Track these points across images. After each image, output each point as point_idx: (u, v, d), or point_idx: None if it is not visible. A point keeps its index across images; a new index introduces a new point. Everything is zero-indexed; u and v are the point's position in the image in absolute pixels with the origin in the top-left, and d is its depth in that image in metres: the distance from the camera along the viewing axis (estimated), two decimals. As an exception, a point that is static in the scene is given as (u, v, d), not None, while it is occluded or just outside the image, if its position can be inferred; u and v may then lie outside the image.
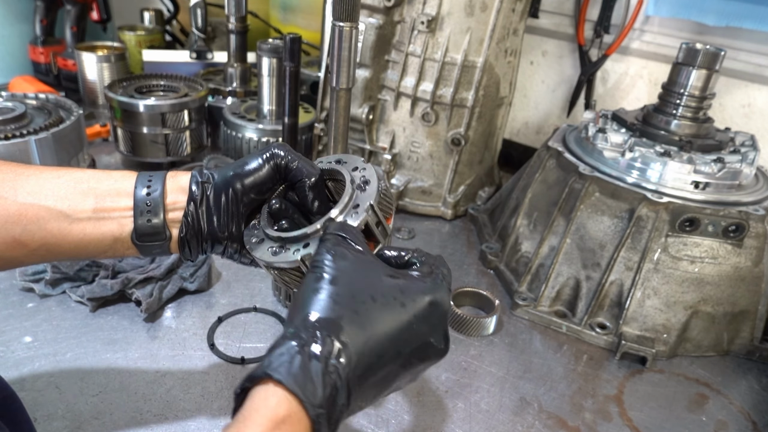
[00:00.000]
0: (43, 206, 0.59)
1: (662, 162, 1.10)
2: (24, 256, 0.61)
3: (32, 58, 1.98)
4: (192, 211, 0.63)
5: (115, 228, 0.62)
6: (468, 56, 1.33)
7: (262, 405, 0.43)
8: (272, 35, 2.08)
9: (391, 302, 0.50)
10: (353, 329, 0.47)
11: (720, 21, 1.39)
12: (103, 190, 0.62)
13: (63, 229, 0.60)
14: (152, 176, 0.64)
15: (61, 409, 0.83)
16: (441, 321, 0.53)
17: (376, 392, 0.50)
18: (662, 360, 1.08)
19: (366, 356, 0.47)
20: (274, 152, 0.64)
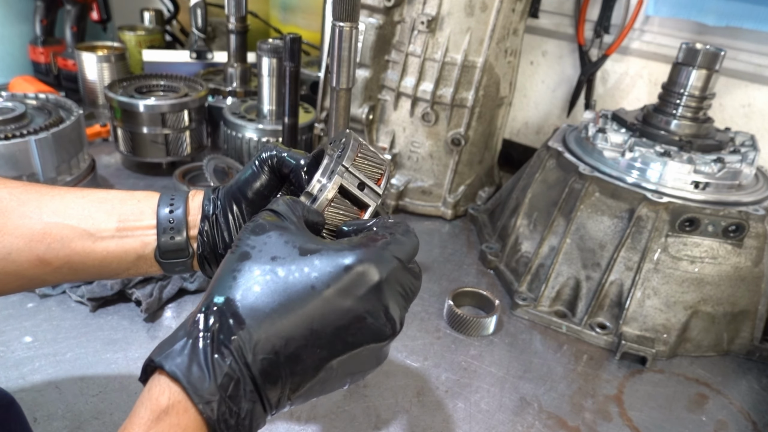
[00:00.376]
0: (68, 225, 0.60)
1: (662, 162, 1.10)
2: (47, 274, 0.61)
3: (32, 58, 1.98)
4: (207, 229, 0.63)
5: (138, 246, 0.62)
6: (468, 56, 1.33)
7: (146, 395, 0.41)
8: (272, 35, 2.08)
9: (300, 276, 0.44)
10: (255, 309, 0.43)
11: (720, 21, 1.39)
12: (127, 210, 0.63)
13: (86, 248, 0.60)
14: (174, 196, 0.64)
15: (61, 409, 0.83)
16: (373, 293, 0.46)
17: (306, 380, 0.45)
18: (662, 360, 1.08)
19: (272, 339, 0.43)
20: (263, 156, 0.63)
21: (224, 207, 0.63)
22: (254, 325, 0.43)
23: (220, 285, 0.45)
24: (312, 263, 0.45)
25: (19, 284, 0.62)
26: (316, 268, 0.45)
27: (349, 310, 0.45)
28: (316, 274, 0.45)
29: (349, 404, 0.90)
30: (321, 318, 0.44)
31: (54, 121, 1.22)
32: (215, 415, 0.40)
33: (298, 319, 0.44)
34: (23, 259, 0.59)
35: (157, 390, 0.41)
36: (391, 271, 0.47)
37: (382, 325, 0.47)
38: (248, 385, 0.42)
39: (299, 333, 0.44)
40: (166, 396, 0.40)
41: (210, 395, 0.40)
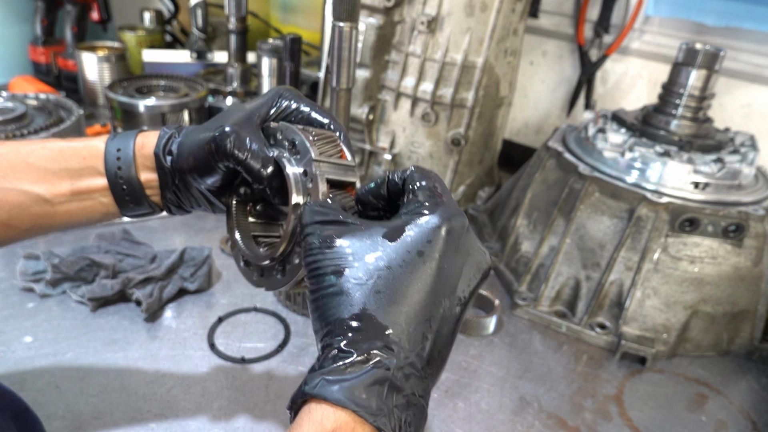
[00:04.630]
0: (22, 191, 0.59)
1: (662, 162, 1.10)
2: (19, 235, 0.62)
3: (33, 58, 1.99)
4: (170, 196, 0.63)
5: (99, 206, 0.62)
6: (468, 56, 1.33)
7: (306, 419, 0.40)
8: (272, 35, 2.08)
9: (406, 256, 0.44)
10: (386, 311, 0.42)
11: (720, 21, 1.39)
12: (76, 170, 0.61)
13: (47, 212, 0.61)
14: (120, 150, 0.61)
15: (61, 409, 0.83)
16: (468, 239, 0.47)
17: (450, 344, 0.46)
18: (662, 360, 1.08)
19: (420, 327, 0.42)
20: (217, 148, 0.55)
21: (181, 177, 0.61)
22: (396, 324, 0.42)
23: (335, 307, 0.43)
24: (406, 242, 0.45)
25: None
26: (414, 242, 0.45)
27: (461, 258, 0.46)
28: (418, 248, 0.45)
29: (349, 404, 0.90)
30: (447, 279, 0.45)
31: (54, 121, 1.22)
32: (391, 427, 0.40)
33: (430, 293, 0.44)
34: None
35: (317, 412, 0.40)
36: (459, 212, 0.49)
37: (482, 254, 0.49)
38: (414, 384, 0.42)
39: (436, 304, 0.44)
40: (332, 419, 0.39)
41: (377, 410, 0.39)
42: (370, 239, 0.46)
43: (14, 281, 1.06)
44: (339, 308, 0.43)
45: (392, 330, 0.42)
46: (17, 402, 0.69)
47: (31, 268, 1.06)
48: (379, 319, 0.42)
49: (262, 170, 0.54)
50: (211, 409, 0.87)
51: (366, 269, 0.44)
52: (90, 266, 1.05)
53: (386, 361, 0.41)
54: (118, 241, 1.16)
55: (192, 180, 0.60)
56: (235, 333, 1.03)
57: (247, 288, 1.13)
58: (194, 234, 1.30)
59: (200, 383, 0.91)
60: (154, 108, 1.42)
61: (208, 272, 1.12)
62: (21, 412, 0.69)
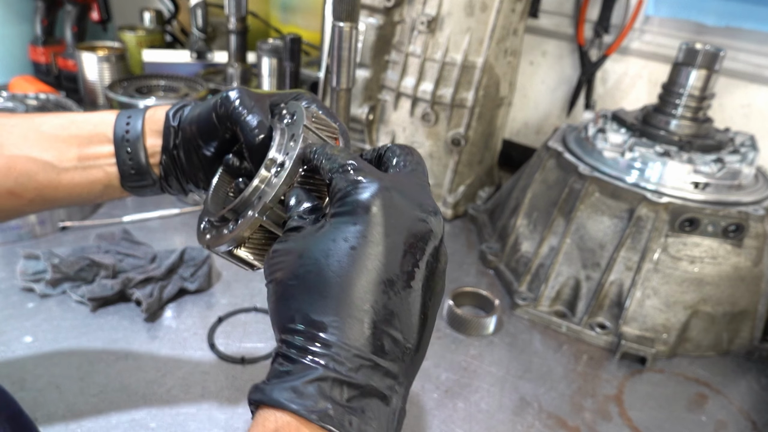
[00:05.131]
0: (30, 157, 0.60)
1: (662, 162, 1.10)
2: (22, 206, 0.62)
3: (32, 58, 1.98)
4: (165, 159, 0.62)
5: (102, 176, 0.62)
6: (468, 56, 1.33)
7: (254, 424, 0.41)
8: (272, 35, 2.08)
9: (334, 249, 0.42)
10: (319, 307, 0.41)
11: (720, 21, 1.39)
12: (85, 136, 0.62)
13: (53, 180, 0.61)
14: (131, 116, 0.62)
15: (61, 409, 0.83)
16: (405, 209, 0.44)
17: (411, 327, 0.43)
18: (662, 360, 1.08)
19: (352, 321, 0.40)
20: (221, 101, 0.57)
21: (183, 140, 0.61)
22: (332, 317, 0.40)
23: (276, 313, 0.44)
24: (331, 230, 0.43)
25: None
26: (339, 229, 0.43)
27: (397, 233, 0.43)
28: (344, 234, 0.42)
29: (349, 404, 0.90)
30: (381, 261, 0.42)
31: (54, 121, 1.22)
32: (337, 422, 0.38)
33: (363, 279, 0.41)
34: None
35: (261, 417, 0.40)
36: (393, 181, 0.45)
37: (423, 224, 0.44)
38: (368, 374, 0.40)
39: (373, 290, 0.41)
40: (273, 420, 0.39)
41: (319, 407, 0.38)
42: (303, 236, 0.45)
43: (14, 281, 1.06)
44: (279, 313, 0.43)
45: (329, 325, 0.40)
46: (12, 404, 0.69)
47: (31, 268, 1.06)
48: (313, 316, 0.41)
49: (257, 130, 0.54)
50: (211, 409, 0.87)
51: (297, 268, 0.43)
52: (90, 266, 1.05)
53: (324, 358, 0.39)
54: (118, 241, 1.16)
55: (192, 143, 0.60)
56: (235, 333, 1.03)
57: (247, 288, 1.14)
58: (194, 234, 1.29)
59: (200, 383, 0.91)
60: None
61: (208, 272, 1.12)
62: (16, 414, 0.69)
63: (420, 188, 0.47)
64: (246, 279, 1.16)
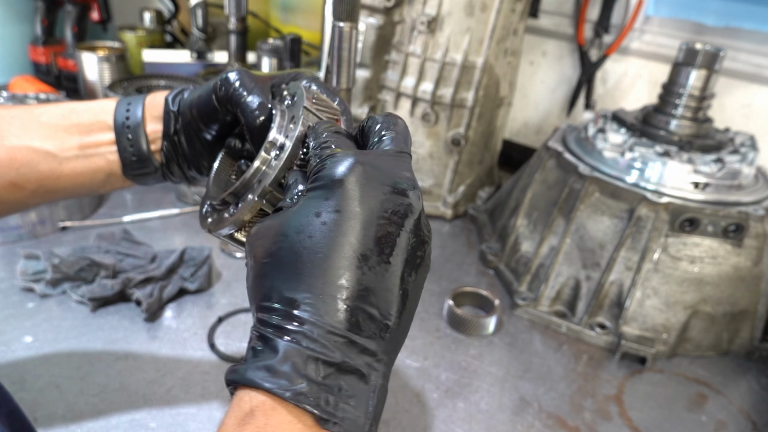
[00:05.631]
0: (31, 147, 0.60)
1: (662, 162, 1.10)
2: (25, 197, 0.62)
3: (33, 58, 1.98)
4: (167, 145, 0.62)
5: (103, 164, 0.62)
6: (468, 56, 1.33)
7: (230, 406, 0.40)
8: (272, 35, 2.08)
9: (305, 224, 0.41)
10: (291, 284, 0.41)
11: (720, 21, 1.39)
12: (86, 125, 0.62)
13: (54, 170, 0.61)
14: (131, 103, 0.62)
15: (61, 409, 0.83)
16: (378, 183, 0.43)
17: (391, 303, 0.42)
18: (662, 360, 1.08)
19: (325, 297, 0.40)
20: (221, 82, 0.56)
21: (183, 124, 0.61)
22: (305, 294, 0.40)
23: (251, 292, 0.44)
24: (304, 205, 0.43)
25: (1, 209, 0.62)
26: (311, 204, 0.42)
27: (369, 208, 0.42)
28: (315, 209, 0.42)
29: (349, 404, 0.90)
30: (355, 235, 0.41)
31: (54, 121, 1.22)
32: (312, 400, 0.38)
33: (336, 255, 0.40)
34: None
35: (237, 397, 0.39)
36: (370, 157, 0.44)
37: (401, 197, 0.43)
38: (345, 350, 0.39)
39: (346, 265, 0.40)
40: (247, 400, 0.39)
41: (294, 385, 0.38)
42: (280, 214, 0.44)
43: (14, 281, 1.06)
44: (255, 292, 0.43)
45: (302, 302, 0.40)
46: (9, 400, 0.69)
47: (31, 268, 1.06)
48: (286, 294, 0.40)
49: (257, 112, 0.54)
50: (211, 409, 0.87)
51: (271, 246, 0.43)
52: (90, 266, 1.05)
53: (298, 335, 0.39)
54: (118, 241, 1.16)
55: (193, 127, 0.60)
56: (235, 333, 1.03)
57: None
58: (194, 234, 1.30)
59: (200, 383, 0.91)
60: (154, 108, 1.41)
61: (208, 272, 1.12)
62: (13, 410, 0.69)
63: (397, 161, 0.46)
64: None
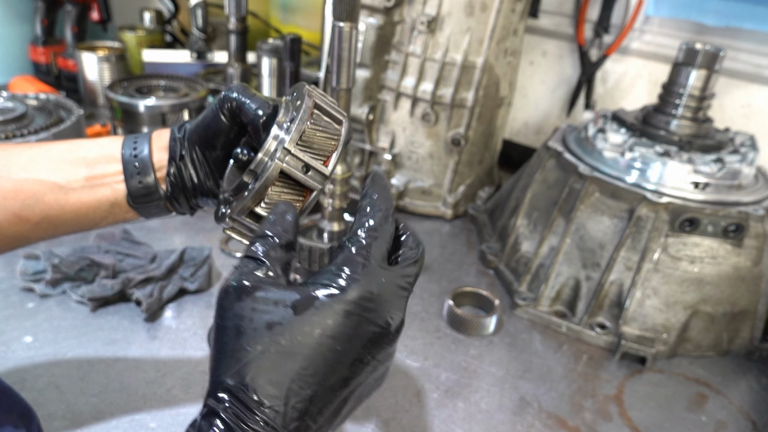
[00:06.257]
0: (38, 180, 0.61)
1: (662, 162, 1.10)
2: (28, 231, 0.62)
3: (32, 58, 1.99)
4: (174, 171, 0.63)
5: (109, 193, 0.63)
6: (468, 56, 1.33)
7: None
8: (272, 35, 2.08)
9: (304, 338, 0.43)
10: (271, 386, 0.42)
11: (720, 21, 1.39)
12: (93, 158, 0.63)
13: (60, 200, 0.61)
14: (138, 138, 0.64)
15: (61, 409, 0.83)
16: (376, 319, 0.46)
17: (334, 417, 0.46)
18: (662, 360, 1.08)
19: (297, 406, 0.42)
20: (224, 96, 0.60)
21: (190, 148, 0.63)
22: (276, 403, 0.42)
23: (222, 369, 0.44)
24: (311, 321, 0.44)
25: (3, 244, 0.63)
26: (317, 324, 0.44)
27: (360, 347, 0.45)
28: (319, 330, 0.44)
29: (349, 404, 0.90)
30: (337, 364, 0.44)
31: (54, 121, 1.22)
32: None
33: (318, 378, 0.43)
34: (1, 218, 0.60)
35: None
36: (384, 286, 0.46)
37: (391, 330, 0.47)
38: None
39: (323, 388, 0.44)
40: None
41: None
42: (279, 306, 0.44)
43: (14, 281, 1.06)
44: (225, 369, 0.43)
45: (269, 406, 0.42)
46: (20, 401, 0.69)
47: (31, 268, 1.06)
48: (258, 394, 0.42)
49: (260, 110, 0.58)
50: (211, 409, 0.87)
51: (262, 338, 0.43)
52: (90, 266, 1.05)
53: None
54: (118, 241, 1.16)
55: (200, 148, 0.62)
56: (235, 333, 1.02)
57: (247, 288, 1.13)
58: (194, 234, 1.30)
59: (200, 383, 0.91)
60: (154, 108, 1.42)
61: (208, 272, 1.12)
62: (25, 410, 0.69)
63: (400, 298, 0.48)
64: (246, 279, 1.16)
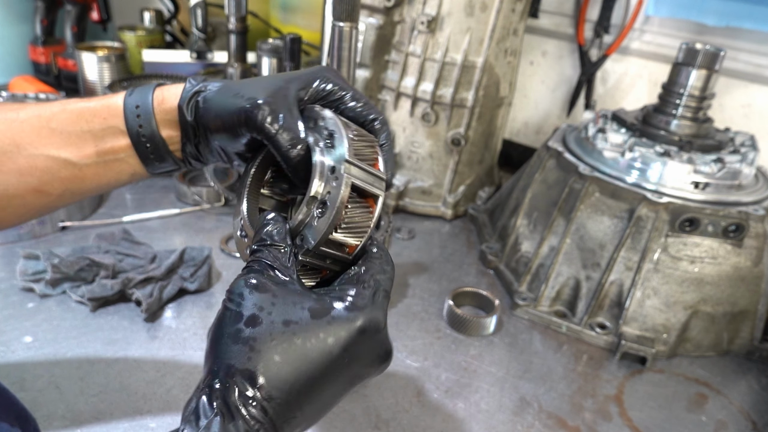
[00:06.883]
0: (49, 156, 0.60)
1: (662, 162, 1.10)
2: (52, 201, 0.62)
3: (32, 58, 1.98)
4: (190, 150, 0.62)
5: (126, 167, 0.62)
6: (468, 56, 1.33)
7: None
8: (272, 35, 2.08)
9: (317, 342, 0.46)
10: (280, 381, 0.44)
11: (720, 21, 1.39)
12: (98, 132, 0.61)
13: (76, 176, 0.61)
14: (139, 106, 0.60)
15: (61, 409, 0.83)
16: (377, 342, 0.50)
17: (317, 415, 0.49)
18: (662, 360, 1.08)
19: (302, 405, 0.45)
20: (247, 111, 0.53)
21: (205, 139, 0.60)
22: (284, 398, 0.44)
23: (230, 354, 0.45)
24: (327, 329, 0.47)
25: (28, 212, 0.63)
26: (331, 332, 0.47)
27: (359, 360, 0.49)
28: (332, 339, 0.47)
29: (349, 404, 0.90)
30: (337, 374, 0.47)
31: (54, 121, 1.22)
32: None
33: (317, 379, 0.46)
34: (22, 191, 0.60)
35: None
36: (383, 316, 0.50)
37: (382, 362, 0.51)
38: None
39: (318, 389, 0.47)
40: None
41: None
42: (297, 307, 0.47)
43: (14, 281, 1.06)
44: (235, 354, 0.45)
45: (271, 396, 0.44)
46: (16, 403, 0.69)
47: (31, 268, 1.06)
48: (264, 382, 0.44)
49: (292, 150, 0.52)
50: (211, 409, 0.87)
51: (278, 332, 0.46)
52: (90, 266, 1.05)
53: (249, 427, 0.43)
54: (118, 241, 1.16)
55: (214, 140, 0.59)
56: (235, 333, 1.02)
57: (247, 288, 1.13)
58: (194, 234, 1.30)
59: (200, 383, 0.91)
60: (154, 108, 1.42)
61: (208, 272, 1.12)
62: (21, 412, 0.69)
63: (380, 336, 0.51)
64: (246, 279, 1.16)
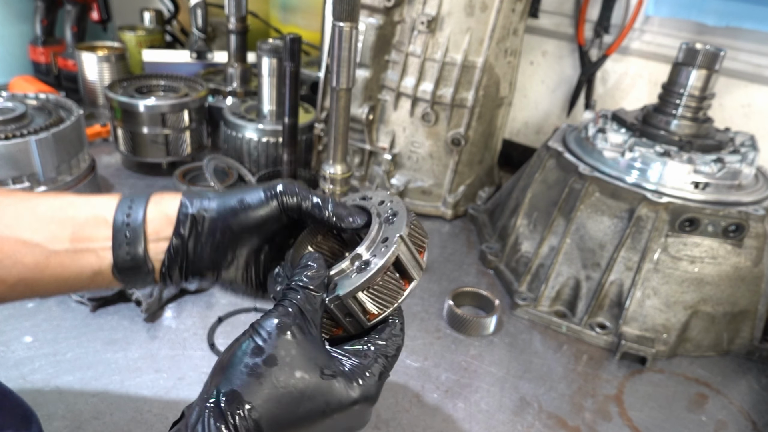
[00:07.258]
0: (20, 239, 0.55)
1: (662, 162, 1.10)
2: (3, 292, 0.57)
3: (32, 58, 1.99)
4: (178, 245, 0.57)
5: (93, 261, 0.57)
6: (468, 56, 1.33)
7: None
8: (272, 35, 2.08)
9: (317, 401, 0.50)
10: (273, 421, 0.48)
11: (720, 21, 1.39)
12: (83, 218, 0.57)
13: (40, 264, 0.56)
14: (134, 200, 0.58)
15: (61, 409, 0.83)
16: (360, 414, 0.53)
17: None
18: (662, 360, 1.08)
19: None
20: (280, 189, 0.58)
21: (213, 229, 0.58)
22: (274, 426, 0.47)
23: (242, 384, 0.48)
24: (329, 391, 0.50)
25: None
26: (331, 396, 0.50)
27: (340, 428, 0.52)
28: (329, 401, 0.50)
29: (349, 404, 0.90)
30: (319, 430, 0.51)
31: (54, 121, 1.22)
32: None
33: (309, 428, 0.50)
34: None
35: None
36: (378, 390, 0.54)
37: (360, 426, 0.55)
38: None
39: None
40: None
41: None
42: (311, 363, 0.50)
43: (14, 281, 1.06)
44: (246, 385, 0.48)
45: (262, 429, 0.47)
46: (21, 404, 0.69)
47: (31, 268, 1.06)
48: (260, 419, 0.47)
49: (357, 220, 0.59)
50: (211, 409, 0.87)
51: (288, 379, 0.49)
52: (90, 266, 1.05)
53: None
54: (118, 241, 1.16)
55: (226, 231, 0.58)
56: (235, 333, 1.02)
57: (247, 288, 1.13)
58: (194, 234, 1.29)
59: (200, 383, 0.91)
60: (154, 108, 1.42)
61: (208, 272, 1.12)
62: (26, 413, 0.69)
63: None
64: (246, 279, 1.16)
